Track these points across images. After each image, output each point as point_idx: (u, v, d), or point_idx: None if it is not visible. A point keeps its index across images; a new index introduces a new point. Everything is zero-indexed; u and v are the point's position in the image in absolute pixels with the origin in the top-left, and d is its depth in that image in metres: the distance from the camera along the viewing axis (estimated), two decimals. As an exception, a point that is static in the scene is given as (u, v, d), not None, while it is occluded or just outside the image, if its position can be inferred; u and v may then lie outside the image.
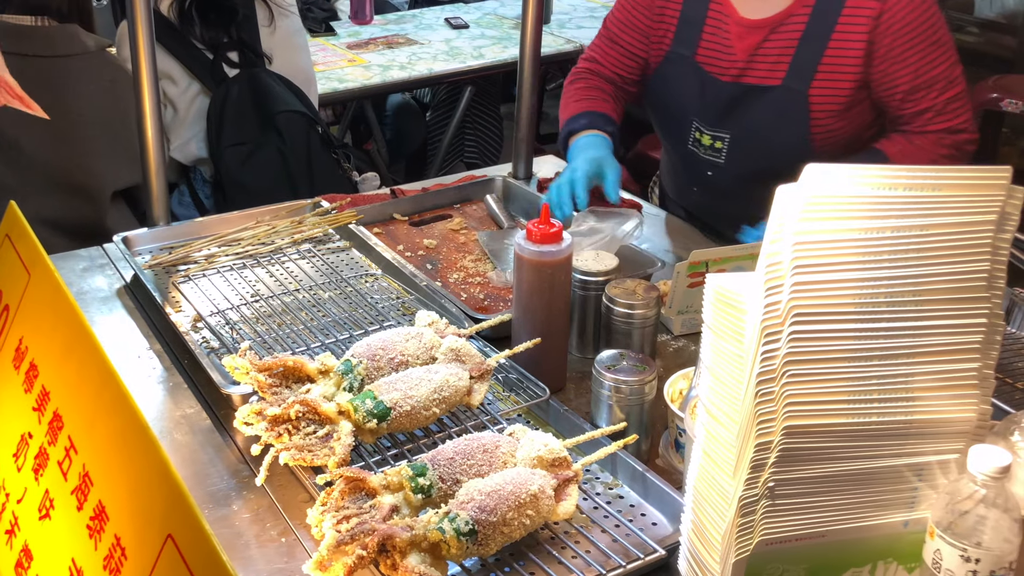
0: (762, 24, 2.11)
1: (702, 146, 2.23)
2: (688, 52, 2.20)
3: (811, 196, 1.06)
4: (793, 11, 2.08)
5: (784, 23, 2.09)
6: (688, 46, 2.20)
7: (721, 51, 2.16)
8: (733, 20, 2.14)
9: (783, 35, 2.10)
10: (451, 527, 1.26)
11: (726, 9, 2.15)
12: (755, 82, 2.13)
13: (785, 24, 2.09)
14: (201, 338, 1.80)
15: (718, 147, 2.20)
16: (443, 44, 4.06)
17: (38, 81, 2.50)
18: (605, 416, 1.54)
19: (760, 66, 2.13)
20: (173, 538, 0.97)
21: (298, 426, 1.42)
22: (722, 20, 2.15)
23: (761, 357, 1.06)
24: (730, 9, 2.14)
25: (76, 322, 1.26)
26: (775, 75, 2.11)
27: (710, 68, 2.18)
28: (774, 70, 2.11)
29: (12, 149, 2.49)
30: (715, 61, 2.17)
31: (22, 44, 2.48)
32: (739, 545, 1.12)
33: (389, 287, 1.98)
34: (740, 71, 2.14)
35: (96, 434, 1.16)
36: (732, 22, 2.14)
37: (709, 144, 2.21)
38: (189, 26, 2.67)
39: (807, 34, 2.07)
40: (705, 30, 2.18)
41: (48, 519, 1.20)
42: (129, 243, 2.08)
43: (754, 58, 2.12)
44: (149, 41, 1.99)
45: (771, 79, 2.12)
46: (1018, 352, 1.77)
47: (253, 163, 2.66)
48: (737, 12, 2.13)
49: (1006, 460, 1.08)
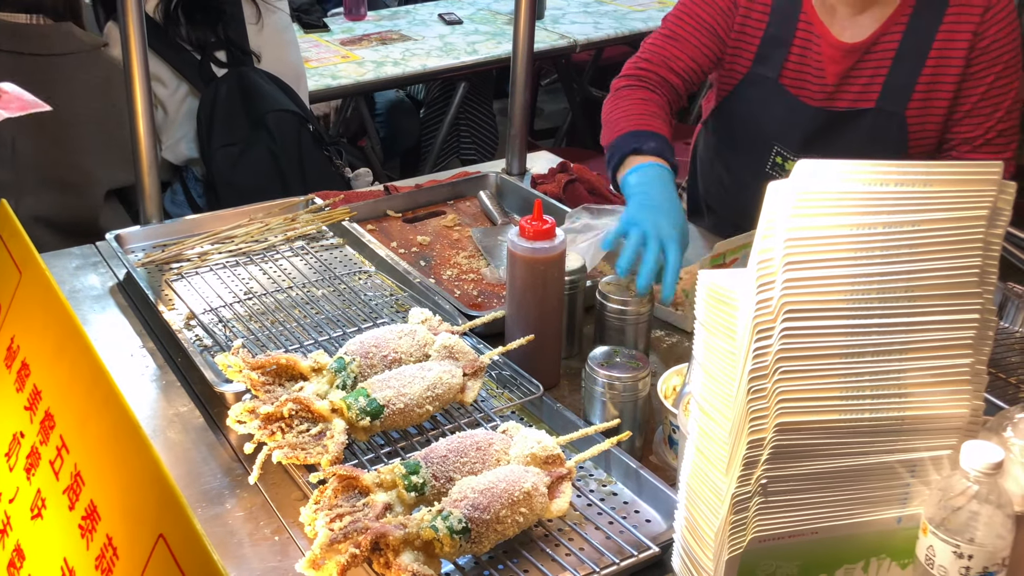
0: (857, 47, 2.01)
1: (785, 171, 2.11)
2: (772, 74, 2.08)
3: (802, 192, 1.06)
4: (886, 30, 1.99)
5: (877, 43, 2.00)
6: (772, 67, 2.08)
7: (811, 74, 2.06)
8: (827, 42, 2.02)
9: (875, 56, 2.01)
10: (444, 525, 1.26)
11: (817, 29, 2.03)
12: (847, 106, 2.04)
13: (877, 44, 2.00)
14: (194, 336, 1.80)
15: None
16: (437, 40, 4.05)
17: (33, 79, 2.49)
18: (599, 413, 1.54)
19: (851, 89, 2.04)
20: (165, 538, 0.97)
21: (291, 424, 1.42)
22: (812, 42, 2.04)
23: (753, 354, 1.06)
24: (823, 30, 2.03)
25: (67, 321, 1.26)
26: (867, 97, 2.03)
27: (797, 91, 2.07)
28: (866, 92, 2.03)
29: (5, 147, 2.49)
30: (803, 84, 2.07)
31: (17, 42, 2.47)
32: (732, 542, 1.12)
33: (382, 284, 1.98)
34: (829, 95, 2.05)
35: (88, 433, 1.16)
36: (825, 44, 2.03)
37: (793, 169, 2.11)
38: (175, 27, 2.66)
39: (901, 53, 1.99)
40: (792, 51, 2.06)
41: (40, 519, 1.20)
42: (122, 241, 2.07)
43: (845, 81, 2.03)
44: (141, 41, 1.99)
45: (863, 102, 2.03)
46: (1011, 347, 1.78)
47: (244, 163, 2.65)
48: (831, 35, 2.02)
49: (999, 456, 1.08)
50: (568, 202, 2.29)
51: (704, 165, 2.36)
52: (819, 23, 2.04)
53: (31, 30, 2.50)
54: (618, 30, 4.25)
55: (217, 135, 2.65)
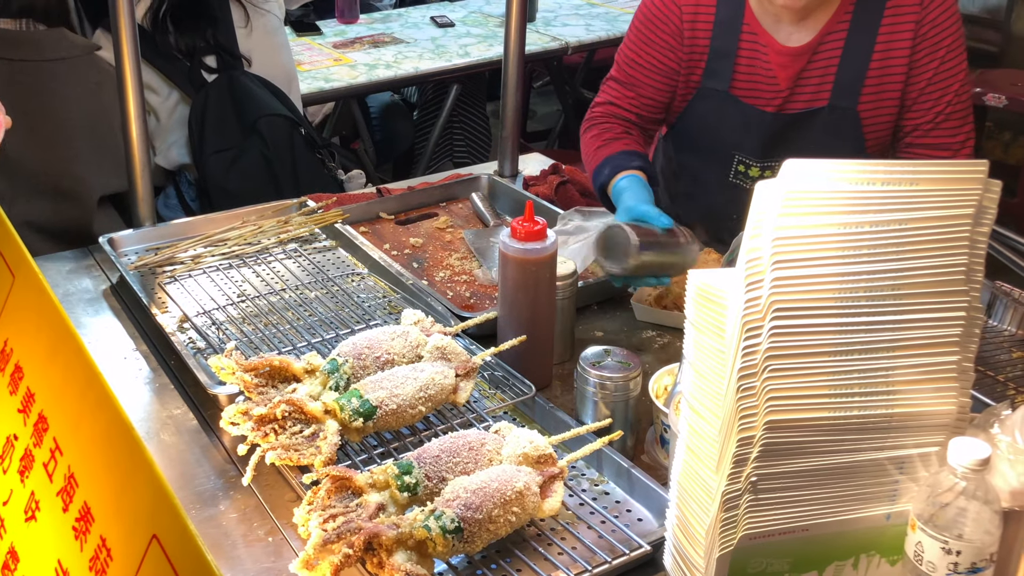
0: (804, 50, 2.04)
1: (749, 178, 2.15)
2: (721, 86, 2.12)
3: (790, 191, 1.07)
4: (829, 29, 2.02)
5: (823, 43, 2.03)
6: (721, 80, 2.11)
7: (762, 82, 2.08)
8: (773, 50, 2.06)
9: (823, 56, 2.03)
10: (437, 525, 1.26)
11: (763, 39, 2.06)
12: (801, 107, 2.07)
13: (824, 44, 2.03)
14: (187, 339, 1.80)
15: (768, 176, 2.07)
16: (429, 43, 4.06)
17: (25, 86, 2.49)
18: (590, 413, 1.55)
19: (804, 91, 2.07)
20: (158, 539, 0.97)
21: (284, 425, 1.43)
22: (759, 50, 2.07)
23: (742, 352, 1.07)
24: (767, 39, 2.06)
25: (61, 324, 1.26)
26: (820, 97, 2.06)
27: (750, 100, 2.10)
28: (819, 91, 2.05)
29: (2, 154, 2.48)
30: (755, 92, 2.10)
31: (9, 49, 2.47)
32: (723, 540, 1.13)
33: (375, 286, 1.98)
34: (784, 99, 2.07)
35: (81, 435, 1.16)
36: (772, 51, 2.06)
37: (757, 175, 2.14)
38: (163, 35, 2.66)
39: (848, 50, 2.02)
40: (739, 62, 2.09)
41: (34, 521, 1.20)
42: (115, 244, 2.08)
43: (797, 84, 2.06)
44: (133, 48, 1.99)
45: (817, 101, 2.06)
46: (1000, 345, 1.79)
47: (237, 168, 2.65)
48: (776, 42, 2.05)
49: (986, 452, 1.09)
50: (560, 203, 2.30)
51: (667, 179, 2.39)
52: (763, 32, 2.07)
53: (23, 36, 2.49)
54: (609, 32, 4.26)
55: (209, 140, 2.65)
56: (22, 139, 2.49)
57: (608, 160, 2.08)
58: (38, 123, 2.52)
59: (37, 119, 2.52)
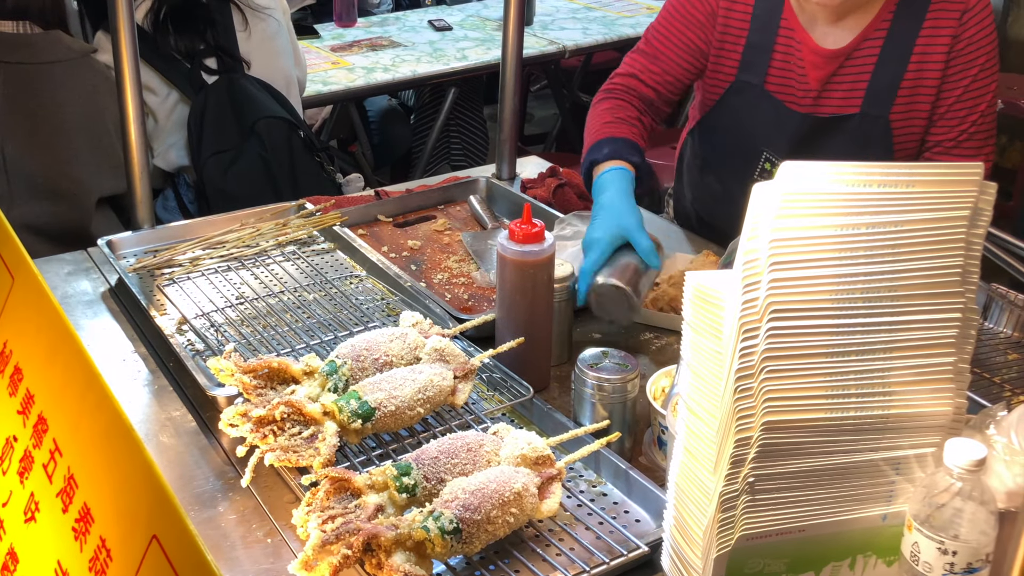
0: (839, 53, 2.02)
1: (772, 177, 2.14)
2: (757, 80, 2.10)
3: (787, 193, 1.07)
4: (867, 35, 2.01)
5: (858, 49, 2.01)
6: (756, 74, 2.09)
7: (794, 80, 2.07)
8: (808, 48, 2.04)
9: (857, 62, 2.02)
10: (436, 526, 1.27)
11: (799, 36, 2.04)
12: (832, 111, 2.05)
13: (859, 50, 2.01)
14: (186, 341, 1.81)
15: None
16: (427, 46, 4.07)
17: (22, 88, 2.49)
18: (588, 414, 1.56)
19: (834, 95, 2.05)
20: (158, 539, 0.98)
21: (283, 427, 1.43)
22: (794, 48, 2.05)
23: (740, 353, 1.08)
24: (804, 36, 2.04)
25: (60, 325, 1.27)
26: (851, 103, 2.04)
27: (783, 97, 2.08)
28: (849, 98, 2.04)
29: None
30: (788, 90, 2.08)
31: (5, 52, 2.47)
32: (720, 540, 1.13)
33: (374, 288, 1.99)
34: (814, 100, 2.06)
35: (81, 436, 1.16)
36: (807, 50, 2.04)
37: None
38: (164, 36, 2.66)
39: (883, 58, 2.00)
40: (775, 57, 2.07)
41: (34, 522, 1.21)
42: (113, 246, 2.08)
43: (828, 87, 2.05)
44: (132, 49, 2.00)
45: (848, 107, 2.04)
46: (995, 347, 1.80)
47: (236, 170, 2.66)
48: (813, 41, 2.03)
49: (981, 453, 1.10)
50: (557, 206, 2.30)
51: (692, 175, 2.37)
52: (800, 29, 2.05)
53: (19, 39, 2.50)
54: (607, 36, 4.27)
55: (208, 142, 2.66)
56: (19, 141, 2.49)
57: (610, 141, 2.04)
58: (35, 125, 2.52)
59: (34, 121, 2.52)
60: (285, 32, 2.92)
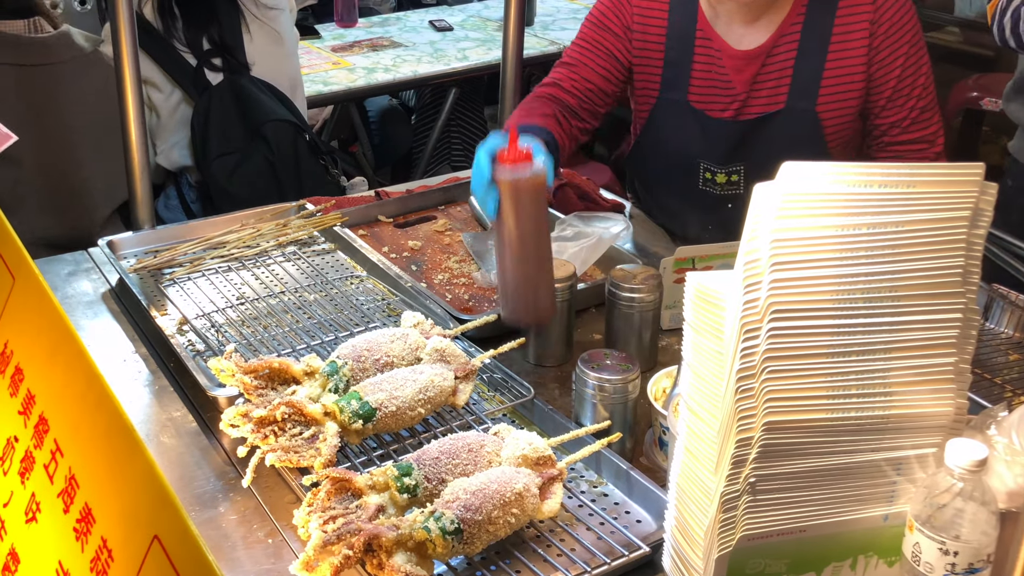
0: (757, 52, 2.06)
1: (716, 184, 2.16)
2: (679, 96, 2.13)
3: (788, 194, 1.07)
4: (783, 31, 2.05)
5: (777, 46, 2.05)
6: (678, 89, 2.13)
7: (718, 88, 2.10)
8: (726, 54, 2.08)
9: (778, 58, 2.06)
10: (437, 526, 1.27)
11: (716, 43, 2.09)
12: (760, 111, 2.09)
13: (778, 47, 2.05)
14: (187, 341, 1.81)
15: (735, 180, 2.14)
16: (427, 46, 4.07)
17: (36, 90, 2.47)
18: (589, 415, 1.56)
19: (761, 94, 2.08)
20: (159, 539, 0.98)
21: (284, 427, 1.43)
22: (713, 57, 2.09)
23: (741, 354, 1.07)
24: (721, 43, 2.08)
25: (61, 326, 1.27)
26: (777, 100, 2.08)
27: (707, 108, 2.12)
28: (775, 95, 2.08)
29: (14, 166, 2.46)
30: (711, 99, 2.12)
31: (19, 55, 2.44)
32: (721, 541, 1.13)
33: (374, 288, 1.99)
34: (741, 104, 2.09)
35: (82, 437, 1.17)
36: (726, 56, 2.08)
37: (724, 180, 2.15)
38: (171, 25, 2.66)
39: (802, 51, 2.04)
40: (694, 70, 2.11)
41: (35, 522, 1.21)
42: (114, 247, 2.08)
43: (754, 87, 2.08)
44: (132, 43, 2.00)
45: (774, 104, 2.08)
46: (997, 348, 1.79)
47: (241, 173, 2.66)
48: (729, 46, 2.08)
49: (982, 453, 1.10)
50: (558, 207, 2.30)
51: (643, 192, 2.40)
52: (716, 36, 2.09)
53: (33, 41, 2.47)
54: (608, 36, 4.26)
55: (213, 144, 2.66)
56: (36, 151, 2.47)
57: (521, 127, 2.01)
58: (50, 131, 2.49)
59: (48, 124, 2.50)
60: (292, 34, 2.91)
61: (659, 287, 1.74)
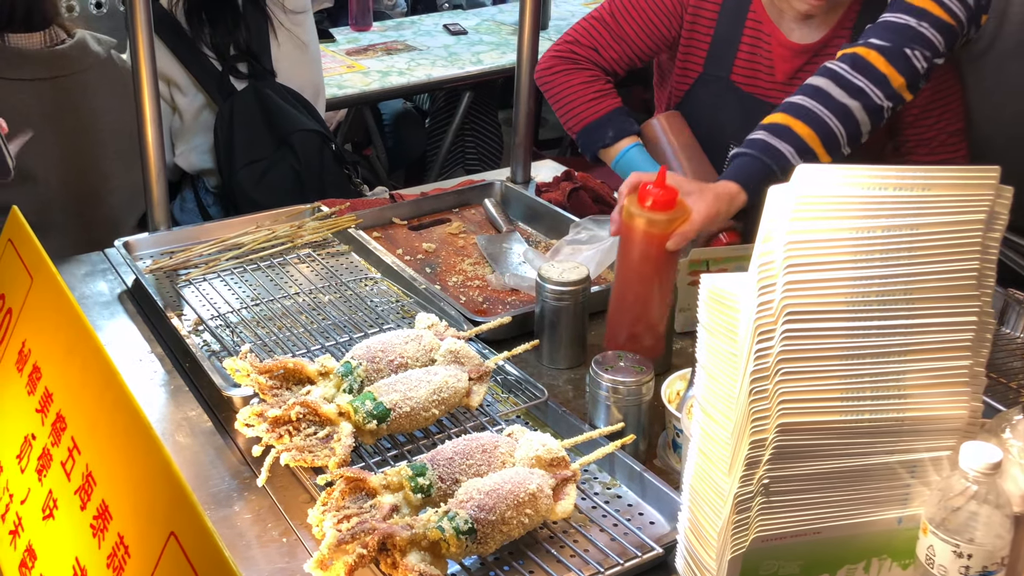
0: (807, 49, 2.06)
1: None
2: (723, 73, 2.14)
3: (802, 196, 1.08)
4: (835, 33, 2.05)
5: (827, 46, 2.05)
6: (722, 66, 2.13)
7: (761, 71, 2.11)
8: (776, 42, 2.08)
9: (826, 57, 2.02)
10: (451, 526, 1.27)
11: (767, 28, 2.09)
12: None
13: (828, 47, 2.05)
14: (202, 341, 1.81)
15: None
16: (442, 50, 4.08)
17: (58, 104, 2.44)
18: (603, 417, 1.56)
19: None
20: (176, 536, 0.99)
21: (299, 427, 1.44)
22: (762, 41, 2.10)
23: (755, 355, 1.08)
24: (772, 29, 2.09)
25: (79, 325, 1.28)
26: None
27: (749, 89, 2.12)
28: None
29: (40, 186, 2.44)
30: (754, 81, 2.12)
31: (40, 69, 2.39)
32: (735, 542, 1.14)
33: (388, 290, 1.99)
34: (780, 93, 2.07)
35: (99, 434, 1.18)
36: (776, 44, 2.08)
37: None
38: (200, 29, 2.67)
39: None
40: (741, 49, 2.11)
41: (52, 519, 1.22)
42: (130, 248, 2.09)
43: (794, 81, 2.06)
44: (149, 44, 2.00)
45: None
46: (1012, 352, 1.79)
47: (268, 181, 2.66)
48: (781, 34, 2.08)
49: (997, 457, 1.10)
50: (572, 210, 2.31)
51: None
52: (768, 22, 2.09)
53: (52, 54, 2.43)
54: (622, 40, 4.27)
55: (239, 151, 2.65)
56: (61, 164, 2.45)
57: (610, 120, 2.13)
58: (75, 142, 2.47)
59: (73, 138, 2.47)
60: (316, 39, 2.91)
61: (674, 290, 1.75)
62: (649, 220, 1.65)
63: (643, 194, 1.66)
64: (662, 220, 1.65)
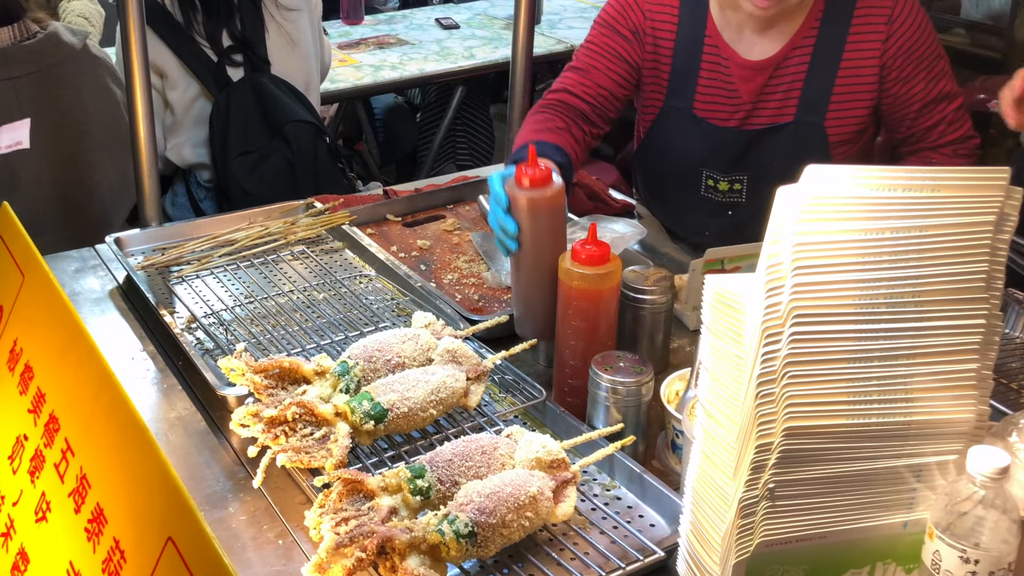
0: (767, 64, 2.05)
1: (719, 191, 2.16)
2: (684, 104, 2.13)
3: (811, 197, 1.06)
4: (796, 44, 2.04)
5: (788, 58, 2.05)
6: (684, 98, 2.13)
7: (723, 97, 2.10)
8: (734, 63, 2.07)
9: (788, 71, 2.05)
10: (450, 529, 1.25)
11: (724, 52, 2.08)
12: (766, 122, 2.09)
13: (789, 59, 2.05)
14: (195, 339, 1.79)
15: (737, 188, 2.14)
16: (434, 44, 4.06)
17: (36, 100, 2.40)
18: (602, 417, 1.54)
19: (768, 105, 2.08)
20: (174, 541, 0.97)
21: (295, 428, 1.42)
22: (720, 66, 2.09)
23: (762, 358, 1.06)
24: (730, 52, 2.08)
25: (72, 323, 1.25)
26: (785, 112, 2.07)
27: (711, 117, 2.12)
28: (784, 107, 2.07)
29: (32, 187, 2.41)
30: (716, 108, 2.11)
31: (12, 67, 2.36)
32: (739, 546, 1.12)
33: (383, 288, 1.97)
34: (747, 114, 2.09)
35: (93, 436, 1.15)
36: (734, 65, 2.07)
37: (727, 188, 2.15)
38: (192, 17, 2.64)
39: (814, 65, 2.04)
40: (700, 79, 2.11)
41: (45, 522, 1.19)
42: (121, 244, 2.07)
43: (761, 98, 2.07)
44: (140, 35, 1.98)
45: (782, 116, 2.07)
46: (1012, 352, 1.78)
47: (260, 172, 2.65)
48: (738, 55, 2.07)
49: (1004, 461, 1.09)
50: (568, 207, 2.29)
51: (647, 195, 2.40)
52: (724, 45, 2.08)
53: (21, 49, 2.38)
54: (615, 35, 4.25)
55: (233, 141, 2.63)
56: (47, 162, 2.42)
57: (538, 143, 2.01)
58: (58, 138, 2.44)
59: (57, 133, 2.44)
60: (311, 35, 2.89)
61: (671, 288, 1.73)
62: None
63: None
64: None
